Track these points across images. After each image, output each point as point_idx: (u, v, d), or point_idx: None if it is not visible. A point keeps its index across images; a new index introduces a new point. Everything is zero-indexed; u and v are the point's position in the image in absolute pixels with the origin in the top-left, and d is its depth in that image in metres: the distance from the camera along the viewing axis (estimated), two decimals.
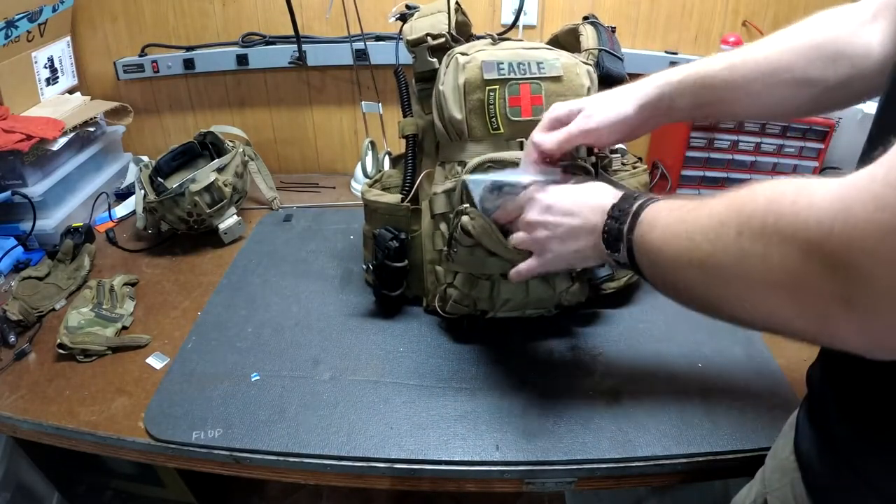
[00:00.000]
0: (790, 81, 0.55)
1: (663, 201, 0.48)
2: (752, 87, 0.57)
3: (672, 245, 0.43)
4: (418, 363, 0.77)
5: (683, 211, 0.43)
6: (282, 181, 1.31)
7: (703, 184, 1.15)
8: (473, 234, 0.67)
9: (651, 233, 0.47)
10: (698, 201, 0.42)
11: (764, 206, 0.34)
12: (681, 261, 0.42)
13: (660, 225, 0.46)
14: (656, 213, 0.47)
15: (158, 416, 0.70)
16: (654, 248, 0.46)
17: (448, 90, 0.72)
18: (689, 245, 0.41)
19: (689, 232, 0.41)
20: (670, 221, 0.44)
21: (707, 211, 0.40)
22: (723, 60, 0.58)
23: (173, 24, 1.27)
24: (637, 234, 0.48)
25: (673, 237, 0.43)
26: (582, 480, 0.66)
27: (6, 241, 1.01)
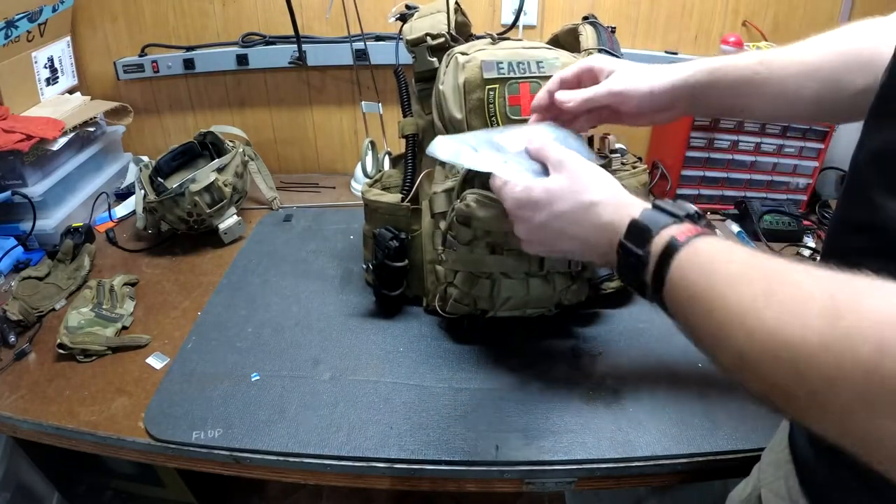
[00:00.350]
0: (820, 81, 0.54)
1: (704, 241, 0.40)
2: (784, 83, 0.55)
3: (735, 309, 0.34)
4: (418, 363, 0.77)
5: (750, 269, 0.35)
6: (282, 181, 1.31)
7: (703, 184, 1.15)
8: (481, 218, 0.67)
9: (699, 284, 0.38)
10: (762, 254, 0.36)
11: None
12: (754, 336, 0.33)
13: (719, 275, 0.37)
14: (707, 261, 0.39)
15: (158, 416, 0.70)
16: (704, 306, 0.37)
17: (448, 90, 0.72)
18: (775, 324, 0.31)
19: (768, 303, 0.32)
20: (730, 276, 0.36)
21: (796, 289, 0.32)
22: (757, 55, 0.57)
23: (173, 24, 1.27)
24: (676, 281, 0.40)
25: (739, 302, 0.34)
26: (582, 480, 0.66)
27: (6, 241, 1.01)
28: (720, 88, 0.58)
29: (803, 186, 1.13)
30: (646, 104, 0.59)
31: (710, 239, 0.41)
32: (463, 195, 0.69)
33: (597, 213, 0.49)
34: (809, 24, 1.21)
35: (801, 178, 1.13)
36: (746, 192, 1.14)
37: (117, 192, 1.25)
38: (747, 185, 1.14)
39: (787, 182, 1.13)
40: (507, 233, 0.69)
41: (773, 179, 1.13)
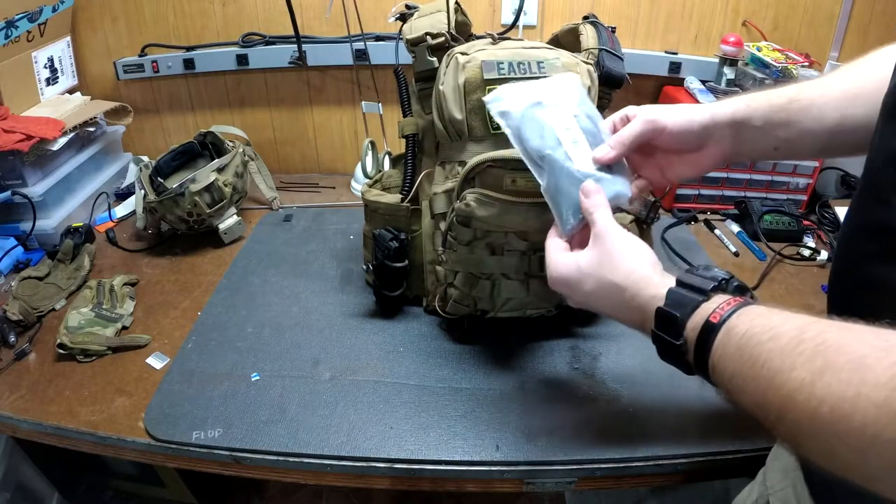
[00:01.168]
0: (863, 106, 0.52)
1: (741, 319, 0.39)
2: (823, 111, 0.53)
3: (785, 392, 0.34)
4: (418, 363, 0.77)
5: (797, 345, 0.34)
6: (282, 181, 1.31)
7: (703, 184, 1.15)
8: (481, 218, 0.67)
9: (743, 368, 0.37)
10: (805, 322, 0.35)
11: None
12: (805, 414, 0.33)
13: (763, 358, 0.36)
14: (747, 342, 0.38)
15: (158, 416, 0.70)
16: (752, 389, 0.36)
17: (448, 90, 0.72)
18: (831, 404, 0.31)
19: (821, 383, 0.32)
20: (774, 356, 0.35)
21: (850, 363, 0.31)
22: (795, 86, 0.56)
23: (173, 24, 1.27)
24: (718, 364, 0.40)
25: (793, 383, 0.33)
26: (582, 480, 0.66)
27: (6, 241, 1.01)
28: (758, 119, 0.56)
29: (803, 186, 1.13)
30: (679, 136, 0.57)
31: (746, 314, 0.39)
32: (463, 195, 0.69)
33: (620, 295, 0.49)
34: (809, 24, 1.21)
35: (801, 178, 1.13)
36: (746, 192, 1.14)
37: (117, 192, 1.25)
38: (747, 185, 1.14)
39: (787, 182, 1.13)
40: (508, 233, 0.70)
41: (773, 179, 1.13)
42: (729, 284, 0.44)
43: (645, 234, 0.85)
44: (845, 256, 0.50)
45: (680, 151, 0.59)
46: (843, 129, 0.53)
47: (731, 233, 1.10)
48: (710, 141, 0.57)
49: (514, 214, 0.67)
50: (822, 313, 0.91)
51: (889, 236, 0.40)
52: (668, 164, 0.61)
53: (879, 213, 0.42)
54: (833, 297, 0.54)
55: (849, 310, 0.51)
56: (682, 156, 0.60)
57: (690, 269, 0.47)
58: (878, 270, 0.44)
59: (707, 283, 0.44)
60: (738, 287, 0.45)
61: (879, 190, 0.42)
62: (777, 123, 0.55)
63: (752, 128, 0.56)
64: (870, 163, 0.44)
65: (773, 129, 0.56)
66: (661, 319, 0.45)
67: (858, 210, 0.46)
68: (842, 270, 0.51)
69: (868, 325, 0.33)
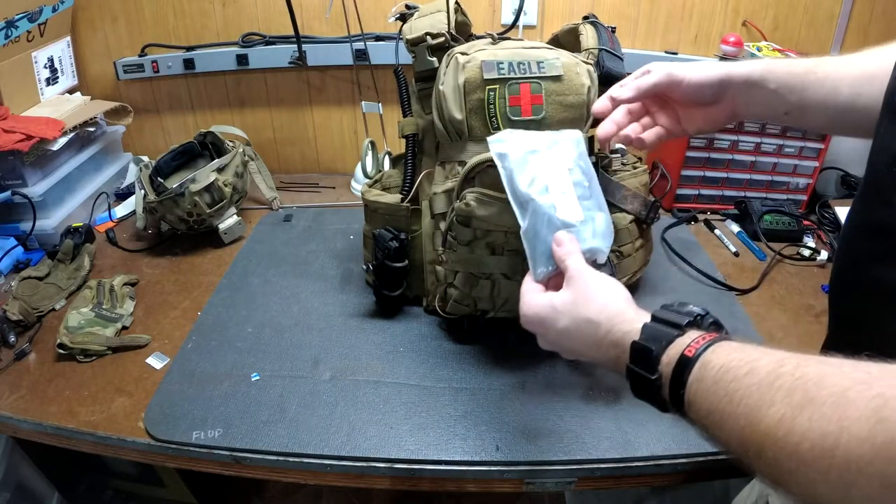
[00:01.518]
0: (879, 87, 0.51)
1: (715, 354, 0.38)
2: (838, 86, 0.53)
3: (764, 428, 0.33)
4: (418, 363, 0.77)
5: (775, 379, 0.33)
6: (282, 181, 1.31)
7: (703, 184, 1.15)
8: (481, 217, 0.67)
9: (719, 404, 0.36)
10: (782, 357, 0.35)
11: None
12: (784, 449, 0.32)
13: (740, 393, 0.35)
14: (723, 377, 0.37)
15: (158, 416, 0.70)
16: (730, 425, 0.36)
17: (448, 90, 0.72)
18: (811, 440, 0.30)
19: (800, 419, 0.31)
20: (752, 392, 0.34)
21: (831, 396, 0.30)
22: (814, 59, 0.56)
23: (173, 24, 1.27)
24: (694, 400, 0.39)
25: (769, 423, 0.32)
26: (582, 480, 0.66)
27: (6, 241, 1.01)
28: (773, 83, 0.56)
29: (803, 186, 1.13)
30: (696, 90, 0.58)
31: (722, 348, 0.39)
32: (463, 194, 0.69)
33: (595, 332, 0.48)
34: (809, 24, 1.21)
35: (801, 178, 1.13)
36: (746, 192, 1.14)
37: (117, 192, 1.25)
38: (747, 185, 1.14)
39: (787, 182, 1.13)
40: (507, 233, 0.70)
41: (773, 179, 1.13)
42: (704, 320, 0.44)
43: (645, 234, 0.85)
44: (847, 257, 0.49)
45: (696, 104, 0.60)
46: (854, 107, 0.53)
47: (731, 233, 1.10)
48: (725, 96, 0.58)
49: (513, 214, 0.67)
50: (823, 313, 0.91)
51: (892, 237, 0.40)
52: (684, 115, 0.62)
53: (882, 214, 0.42)
54: (834, 297, 0.54)
55: (850, 311, 0.51)
56: (697, 109, 0.61)
57: (666, 306, 0.46)
58: (881, 271, 0.43)
59: (682, 318, 0.43)
60: (713, 323, 0.44)
61: (882, 191, 0.41)
62: (791, 89, 0.55)
63: (767, 90, 0.56)
64: (872, 163, 0.43)
65: (786, 94, 0.56)
66: (635, 353, 0.44)
67: (860, 211, 0.46)
68: (843, 271, 0.51)
69: (846, 358, 0.32)
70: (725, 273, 0.97)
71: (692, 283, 0.94)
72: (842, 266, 0.51)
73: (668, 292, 0.91)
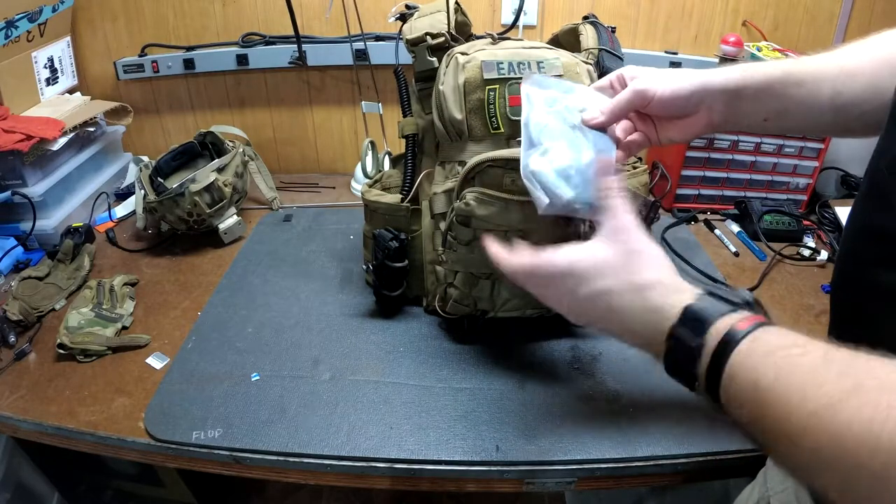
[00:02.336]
0: (862, 85, 0.51)
1: (768, 332, 0.37)
2: (820, 86, 0.52)
3: (811, 408, 0.32)
4: (418, 363, 0.77)
5: (827, 363, 0.33)
6: (282, 181, 1.31)
7: (703, 184, 1.15)
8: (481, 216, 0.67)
9: (765, 379, 0.35)
10: (835, 347, 0.34)
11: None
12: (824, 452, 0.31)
13: (789, 369, 0.34)
14: (773, 353, 0.36)
15: (158, 416, 0.70)
16: (772, 403, 0.35)
17: (448, 90, 0.72)
18: (858, 428, 0.29)
19: (849, 403, 0.30)
20: (803, 371, 0.34)
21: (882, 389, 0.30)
22: (791, 60, 0.55)
23: (173, 24, 1.27)
24: (736, 375, 0.38)
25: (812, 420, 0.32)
26: (582, 480, 0.66)
27: (6, 241, 1.01)
28: (752, 89, 0.54)
29: (803, 186, 1.14)
30: (667, 103, 0.55)
31: (774, 329, 0.38)
32: (462, 194, 0.69)
33: (647, 297, 0.45)
34: (809, 24, 1.21)
35: (801, 178, 1.13)
36: (746, 192, 1.14)
37: (117, 192, 1.25)
38: (747, 185, 1.14)
39: (787, 182, 1.13)
40: (507, 232, 0.70)
41: (773, 179, 1.13)
42: (760, 307, 0.43)
43: None
44: (848, 260, 0.49)
45: (669, 118, 0.58)
46: (835, 105, 0.52)
47: (731, 233, 1.10)
48: (701, 107, 0.56)
49: (513, 213, 0.67)
50: (823, 313, 0.91)
51: (893, 242, 0.39)
52: (659, 126, 0.60)
53: (884, 218, 0.41)
54: (836, 303, 0.53)
55: (852, 314, 0.51)
56: (670, 121, 0.58)
57: (718, 286, 0.44)
58: (884, 276, 0.43)
59: (738, 298, 0.42)
60: (767, 314, 0.43)
61: (885, 195, 0.41)
62: (770, 94, 0.54)
63: (745, 97, 0.55)
64: (874, 166, 0.43)
65: (765, 99, 0.54)
66: (686, 318, 0.41)
67: (862, 214, 0.46)
68: (845, 276, 0.51)
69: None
70: (725, 273, 0.97)
71: (692, 283, 0.94)
72: (843, 269, 0.51)
73: None
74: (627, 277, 0.45)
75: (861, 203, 0.46)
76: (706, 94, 0.55)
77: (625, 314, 0.46)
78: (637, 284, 0.45)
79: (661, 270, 0.46)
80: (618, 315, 0.46)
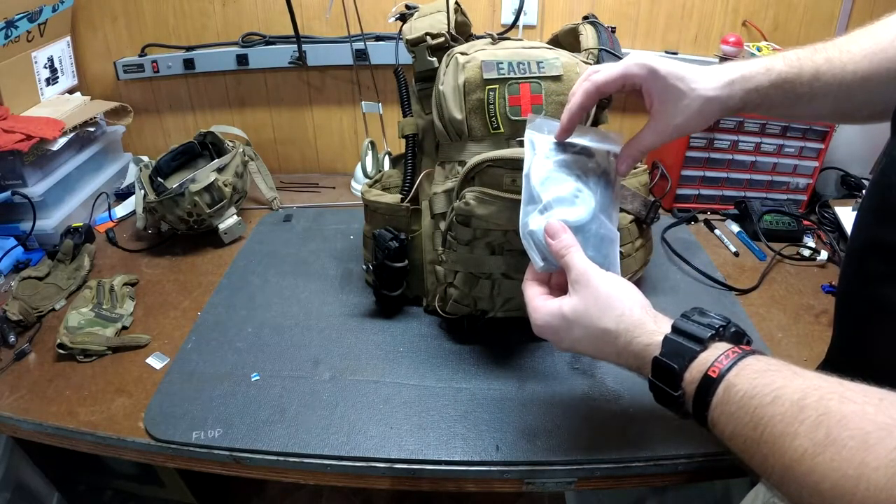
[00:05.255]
0: (883, 74, 0.50)
1: (741, 375, 0.38)
2: (846, 67, 0.51)
3: (787, 461, 0.33)
4: (418, 363, 0.77)
5: (799, 411, 0.34)
6: (282, 181, 1.31)
7: (703, 184, 1.15)
8: (480, 216, 0.67)
9: (744, 427, 0.36)
10: (811, 381, 0.35)
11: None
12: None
13: (765, 419, 0.35)
14: (748, 401, 0.37)
15: (158, 416, 0.70)
16: (753, 449, 0.36)
17: (448, 90, 0.72)
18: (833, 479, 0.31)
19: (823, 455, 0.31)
20: (776, 420, 0.34)
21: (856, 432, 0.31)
22: (812, 47, 0.54)
23: (173, 24, 1.27)
24: (718, 419, 0.39)
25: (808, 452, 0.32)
26: (582, 480, 0.66)
27: (6, 241, 1.01)
28: (804, 80, 0.52)
29: (803, 186, 1.13)
30: (710, 115, 0.54)
31: (746, 370, 0.38)
32: (462, 194, 0.69)
33: (613, 342, 0.47)
34: (809, 24, 1.21)
35: (801, 178, 1.13)
36: (746, 192, 1.14)
37: (117, 192, 1.25)
38: (747, 185, 1.14)
39: (787, 182, 1.13)
40: (507, 232, 0.70)
41: (773, 179, 1.13)
42: (726, 331, 0.43)
43: (645, 234, 0.85)
44: (855, 275, 0.48)
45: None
46: (868, 83, 0.51)
47: (731, 233, 1.10)
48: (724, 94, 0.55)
49: (513, 212, 0.67)
50: (822, 313, 0.91)
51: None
52: None
53: (893, 233, 0.41)
54: (840, 318, 0.53)
55: (858, 333, 0.50)
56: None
57: (686, 315, 0.45)
58: (890, 293, 0.43)
59: (704, 332, 0.42)
60: (735, 333, 0.44)
61: (893, 208, 0.41)
62: (784, 79, 0.53)
63: (762, 82, 0.53)
64: (884, 182, 0.42)
65: (779, 87, 0.53)
66: (658, 369, 0.43)
67: (867, 227, 0.45)
68: (850, 292, 0.50)
69: (867, 385, 0.33)
70: (725, 273, 0.97)
71: (692, 283, 0.94)
72: (849, 283, 0.50)
73: (668, 292, 0.91)
74: (592, 324, 0.48)
75: (866, 216, 0.45)
76: (729, 84, 0.53)
77: (605, 356, 0.50)
78: (600, 330, 0.48)
79: (622, 312, 0.47)
80: (601, 357, 0.50)
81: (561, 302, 0.51)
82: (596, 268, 0.51)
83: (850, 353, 0.52)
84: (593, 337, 0.49)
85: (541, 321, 0.53)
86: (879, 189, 0.44)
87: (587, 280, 0.50)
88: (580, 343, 0.50)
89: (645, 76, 0.54)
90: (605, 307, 0.48)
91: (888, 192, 0.42)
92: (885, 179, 0.42)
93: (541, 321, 0.53)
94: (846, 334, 0.52)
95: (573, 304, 0.50)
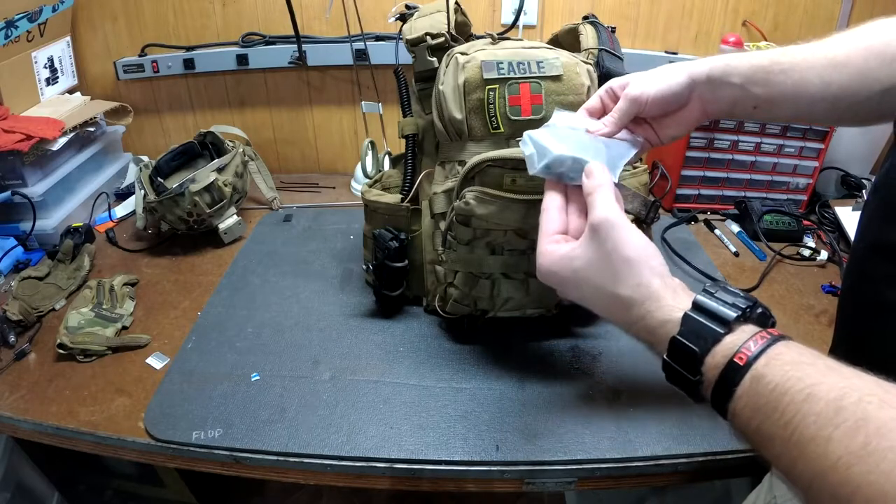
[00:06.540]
0: (847, 76, 0.50)
1: (771, 365, 0.35)
2: (806, 75, 0.51)
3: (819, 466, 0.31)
4: (418, 363, 0.77)
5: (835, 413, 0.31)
6: (282, 181, 1.31)
7: (703, 184, 1.15)
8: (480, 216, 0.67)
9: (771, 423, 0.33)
10: (848, 379, 0.32)
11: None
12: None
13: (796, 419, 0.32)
14: (779, 396, 0.34)
15: (158, 416, 0.70)
16: (780, 449, 0.33)
17: (448, 90, 0.72)
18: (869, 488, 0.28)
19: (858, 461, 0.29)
20: (809, 420, 0.32)
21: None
22: (779, 49, 0.54)
23: (173, 24, 1.27)
24: (741, 413, 0.36)
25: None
26: (582, 480, 0.66)
27: (6, 241, 1.01)
28: (736, 77, 0.53)
29: (803, 186, 1.13)
30: (660, 103, 0.56)
31: (776, 360, 0.35)
32: (462, 193, 0.69)
33: (625, 310, 0.44)
34: (809, 24, 1.21)
35: (802, 178, 1.13)
36: (746, 192, 1.14)
37: (117, 192, 1.25)
38: (747, 185, 1.14)
39: (787, 182, 1.13)
40: (507, 231, 0.70)
41: (773, 179, 1.13)
42: (753, 312, 0.39)
43: (645, 234, 0.85)
44: (858, 277, 0.48)
45: (664, 115, 0.58)
46: (825, 96, 0.51)
47: (731, 233, 1.10)
48: (692, 98, 0.56)
49: (513, 212, 0.67)
50: (822, 313, 0.91)
51: None
52: (656, 126, 0.60)
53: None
54: (843, 319, 0.53)
55: (861, 333, 0.50)
56: (667, 117, 0.59)
57: (709, 290, 0.40)
58: (894, 294, 0.43)
59: (729, 312, 0.38)
60: (761, 314, 0.40)
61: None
62: (756, 82, 0.53)
63: (730, 84, 0.54)
64: (887, 178, 0.42)
65: (751, 88, 0.53)
66: (675, 351, 0.39)
67: (871, 229, 0.45)
68: (853, 292, 0.50)
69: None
70: (725, 273, 0.97)
71: (692, 283, 0.93)
72: (852, 287, 0.50)
73: None
74: (603, 287, 0.45)
75: (871, 218, 0.45)
76: (694, 84, 0.55)
77: (613, 320, 0.46)
78: (614, 296, 0.44)
79: (638, 281, 0.43)
80: (609, 318, 0.47)
81: (571, 251, 0.47)
82: (623, 220, 0.45)
83: (851, 354, 0.52)
84: (604, 299, 0.45)
85: (546, 268, 0.48)
86: (883, 188, 0.43)
87: (608, 230, 0.45)
88: (587, 301, 0.47)
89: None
90: (621, 272, 0.44)
91: (887, 192, 0.42)
92: (889, 179, 0.42)
93: (546, 268, 0.48)
94: (848, 334, 0.52)
95: (587, 258, 0.45)
